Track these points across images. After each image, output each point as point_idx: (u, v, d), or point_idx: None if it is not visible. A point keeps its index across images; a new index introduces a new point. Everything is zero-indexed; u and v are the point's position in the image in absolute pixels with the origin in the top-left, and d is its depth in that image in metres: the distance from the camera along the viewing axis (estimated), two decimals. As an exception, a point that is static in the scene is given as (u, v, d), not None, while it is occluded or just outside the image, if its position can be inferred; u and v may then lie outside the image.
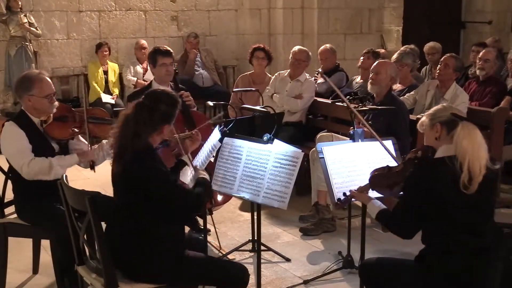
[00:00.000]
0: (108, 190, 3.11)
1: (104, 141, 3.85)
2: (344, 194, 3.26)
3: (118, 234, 2.92)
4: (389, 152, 3.46)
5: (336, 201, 3.34)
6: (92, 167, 3.78)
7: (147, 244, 2.88)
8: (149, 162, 2.86)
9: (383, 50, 7.40)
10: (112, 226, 3.05)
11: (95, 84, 8.25)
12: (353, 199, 3.33)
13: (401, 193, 2.99)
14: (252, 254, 4.41)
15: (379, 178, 3.08)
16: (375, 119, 4.53)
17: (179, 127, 4.52)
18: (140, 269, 2.88)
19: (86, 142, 3.82)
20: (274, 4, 9.14)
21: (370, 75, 4.91)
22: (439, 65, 5.50)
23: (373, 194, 3.22)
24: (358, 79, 6.33)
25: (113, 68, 8.49)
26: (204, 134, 3.62)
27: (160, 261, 2.88)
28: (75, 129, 3.79)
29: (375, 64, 5.01)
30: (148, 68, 8.50)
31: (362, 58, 6.36)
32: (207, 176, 3.17)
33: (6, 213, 3.79)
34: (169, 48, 4.70)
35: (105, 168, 3.16)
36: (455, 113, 2.84)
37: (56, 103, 3.72)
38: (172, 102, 2.99)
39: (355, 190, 3.21)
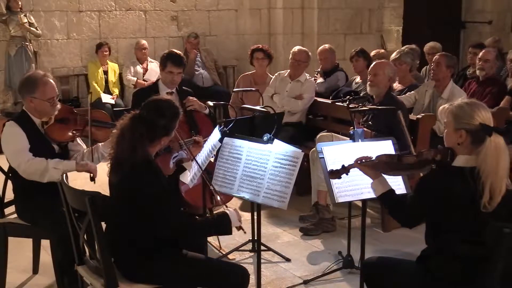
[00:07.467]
0: (108, 190, 3.10)
1: (99, 144, 3.84)
2: (343, 166, 3.06)
3: (117, 234, 2.92)
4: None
5: (330, 170, 3.15)
6: (92, 178, 3.69)
7: (144, 244, 2.87)
8: (147, 177, 2.82)
9: (382, 50, 7.40)
10: (110, 226, 3.05)
11: (95, 84, 8.25)
12: (353, 170, 3.05)
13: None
14: (252, 254, 4.41)
15: (385, 162, 2.92)
16: (375, 119, 4.54)
17: (181, 127, 4.53)
18: (137, 269, 2.88)
19: (84, 146, 3.82)
20: (274, 4, 9.15)
21: (368, 77, 4.90)
22: (431, 66, 5.50)
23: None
24: (358, 79, 6.33)
25: (113, 68, 8.49)
26: (205, 133, 3.63)
27: (158, 261, 2.88)
28: (76, 132, 3.78)
29: (372, 65, 4.99)
30: (148, 68, 8.56)
31: (351, 63, 6.36)
32: (229, 214, 3.03)
33: (6, 213, 3.79)
34: (182, 56, 4.63)
35: (104, 168, 3.15)
36: (485, 124, 2.64)
37: (58, 105, 3.71)
38: (172, 115, 2.97)
39: (359, 162, 2.96)
